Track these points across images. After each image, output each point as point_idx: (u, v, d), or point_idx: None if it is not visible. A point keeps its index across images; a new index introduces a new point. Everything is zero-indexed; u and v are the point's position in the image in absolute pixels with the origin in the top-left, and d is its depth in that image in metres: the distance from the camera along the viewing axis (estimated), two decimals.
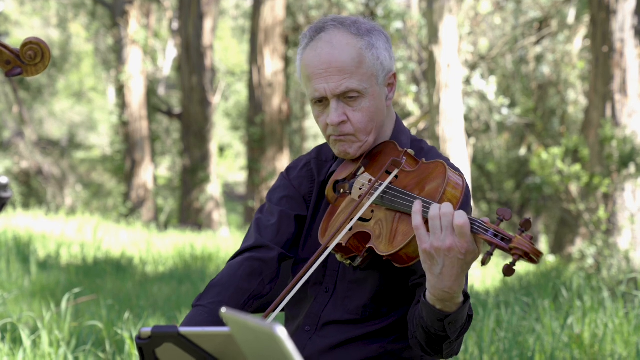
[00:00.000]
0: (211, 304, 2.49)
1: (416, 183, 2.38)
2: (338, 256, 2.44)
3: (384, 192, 2.39)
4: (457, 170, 2.40)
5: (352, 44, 2.48)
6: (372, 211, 2.41)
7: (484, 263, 2.11)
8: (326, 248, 2.39)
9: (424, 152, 2.60)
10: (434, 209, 2.16)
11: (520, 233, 2.12)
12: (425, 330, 2.28)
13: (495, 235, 2.12)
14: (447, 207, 2.15)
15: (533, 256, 2.10)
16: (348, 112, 2.49)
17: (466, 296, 2.25)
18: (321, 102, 2.52)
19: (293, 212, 2.65)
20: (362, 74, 2.47)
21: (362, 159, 2.57)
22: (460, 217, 2.11)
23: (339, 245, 2.40)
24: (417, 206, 2.20)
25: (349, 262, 2.45)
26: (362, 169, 2.56)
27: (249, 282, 2.54)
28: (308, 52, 2.52)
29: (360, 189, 2.50)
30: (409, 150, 2.50)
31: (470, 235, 2.12)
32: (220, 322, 2.45)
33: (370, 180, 2.48)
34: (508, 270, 2.09)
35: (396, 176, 2.43)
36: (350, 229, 2.39)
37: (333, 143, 2.55)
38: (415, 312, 2.35)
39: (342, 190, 2.56)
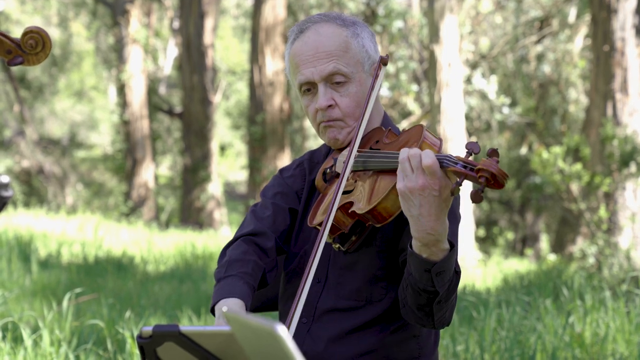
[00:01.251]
0: (241, 273, 2.51)
1: (395, 147, 2.44)
2: (327, 238, 2.46)
3: (364, 159, 2.45)
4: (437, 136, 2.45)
5: (338, 33, 2.59)
6: (355, 181, 2.47)
7: (452, 193, 2.14)
8: (325, 228, 2.41)
9: None
10: (403, 151, 2.19)
11: (487, 159, 2.13)
12: (414, 289, 2.29)
13: (464, 167, 2.13)
14: (414, 149, 2.19)
15: (499, 177, 2.09)
16: (335, 97, 2.57)
17: (452, 245, 2.25)
18: (310, 90, 2.60)
19: (286, 205, 2.70)
20: (348, 59, 2.56)
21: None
22: (428, 156, 2.15)
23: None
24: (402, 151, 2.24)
25: (337, 245, 2.49)
26: None
27: (261, 260, 2.58)
28: (296, 44, 2.61)
29: (343, 162, 2.55)
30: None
31: (441, 172, 2.15)
32: (253, 290, 2.50)
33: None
34: (475, 196, 2.09)
35: (379, 149, 2.50)
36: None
37: (323, 130, 2.62)
38: (404, 276, 2.36)
39: (329, 172, 2.61)
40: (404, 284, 2.36)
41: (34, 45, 2.18)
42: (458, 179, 2.13)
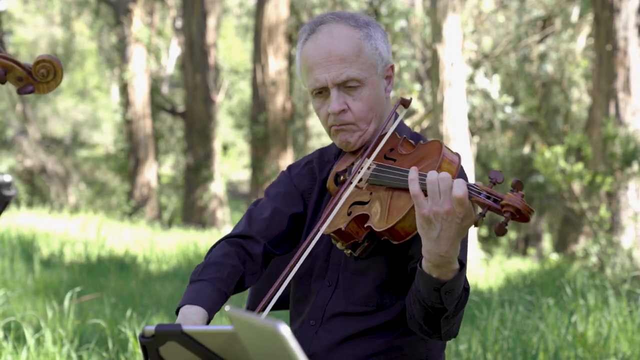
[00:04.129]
0: (212, 279, 2.51)
1: (413, 162, 2.41)
2: (339, 244, 2.46)
3: (381, 171, 2.43)
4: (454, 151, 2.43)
5: (351, 35, 2.54)
6: (371, 193, 2.44)
7: (476, 224, 2.12)
8: (324, 233, 2.42)
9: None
10: (432, 174, 2.17)
11: (511, 192, 2.12)
12: (422, 305, 2.28)
13: (488, 197, 2.13)
14: (444, 172, 2.17)
15: (525, 212, 2.09)
16: (348, 101, 2.54)
17: (462, 264, 2.25)
18: (321, 93, 2.56)
19: (288, 209, 2.69)
20: (361, 63, 2.52)
21: (362, 151, 2.59)
22: (460, 187, 2.12)
23: (338, 230, 2.42)
24: (413, 174, 2.21)
25: (349, 251, 2.48)
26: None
27: (239, 267, 2.57)
28: (308, 44, 2.56)
29: (354, 170, 2.53)
30: (411, 141, 2.54)
31: (468, 202, 2.13)
32: (224, 296, 2.49)
33: (364, 162, 2.52)
34: (500, 229, 2.08)
35: (394, 159, 2.47)
36: (350, 214, 2.42)
37: (334, 133, 2.59)
38: (412, 290, 2.35)
39: (342, 179, 2.58)
40: (411, 298, 2.35)
41: (46, 74, 2.17)
42: (482, 210, 2.12)
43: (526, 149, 20.58)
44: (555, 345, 5.33)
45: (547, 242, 22.40)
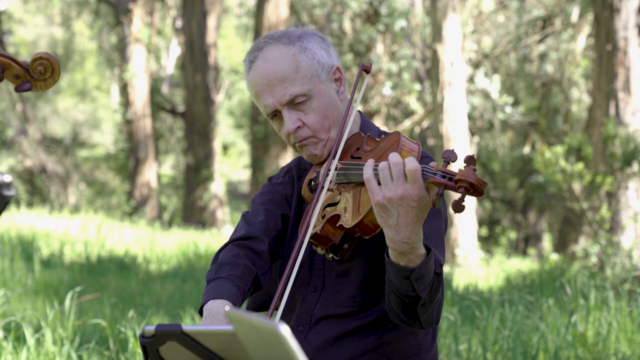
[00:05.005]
0: (230, 276, 2.53)
1: (375, 155, 2.42)
2: (319, 249, 2.49)
3: (345, 169, 2.46)
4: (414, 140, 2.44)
5: (285, 53, 2.57)
6: (340, 193, 2.46)
7: (434, 205, 2.11)
8: (306, 241, 2.43)
9: None
10: (383, 162, 2.18)
11: (465, 168, 2.12)
12: (397, 295, 2.29)
13: (443, 177, 2.12)
14: (395, 156, 2.17)
15: (478, 186, 2.08)
16: (301, 117, 2.57)
17: (428, 249, 2.25)
18: (276, 115, 2.60)
19: (278, 211, 2.72)
20: (302, 77, 2.55)
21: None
22: (411, 162, 2.13)
23: (315, 235, 2.44)
24: (368, 162, 2.24)
25: (331, 255, 2.50)
26: None
27: (250, 264, 2.59)
28: (251, 74, 2.60)
29: (322, 173, 2.56)
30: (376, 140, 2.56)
31: (422, 181, 2.13)
32: (243, 293, 2.51)
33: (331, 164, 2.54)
34: (457, 206, 2.07)
35: (360, 157, 2.49)
36: (324, 217, 2.44)
37: (300, 150, 2.63)
38: (386, 281, 2.36)
39: (314, 184, 2.61)
40: (387, 290, 2.36)
41: (43, 71, 2.17)
42: (438, 189, 2.12)
43: (526, 149, 20.59)
44: (555, 345, 5.33)
45: (547, 242, 22.42)
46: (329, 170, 2.50)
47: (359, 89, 2.64)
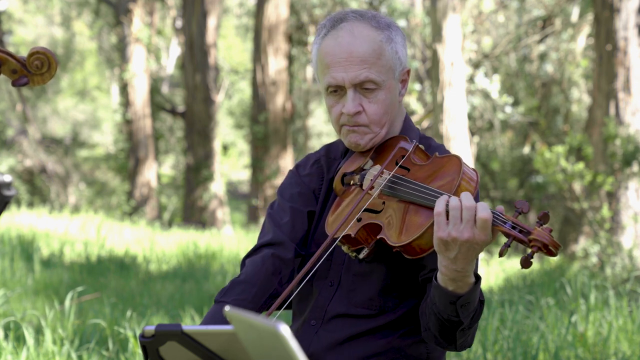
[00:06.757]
0: (235, 300, 2.49)
1: (429, 175, 2.37)
2: (344, 248, 2.43)
3: (396, 183, 2.39)
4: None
5: (373, 36, 2.49)
6: (384, 203, 2.40)
7: (501, 254, 2.10)
8: (334, 239, 2.39)
9: (432, 149, 2.59)
10: (455, 199, 2.15)
11: (539, 225, 2.11)
12: (438, 317, 2.27)
13: (514, 227, 2.11)
14: (469, 199, 2.14)
15: (552, 248, 2.08)
16: (364, 103, 2.50)
17: (477, 277, 2.24)
18: (336, 91, 2.52)
19: (305, 208, 2.66)
20: (381, 66, 2.48)
21: (371, 153, 2.57)
22: (484, 210, 2.11)
23: (347, 236, 2.39)
24: (442, 197, 2.19)
25: (354, 254, 2.44)
26: (371, 162, 2.56)
27: (271, 281, 2.55)
28: (328, 40, 2.52)
29: (370, 180, 2.49)
30: (420, 146, 2.51)
31: (490, 229, 2.12)
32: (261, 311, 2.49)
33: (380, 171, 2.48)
34: (526, 262, 2.08)
35: (408, 169, 2.43)
36: (360, 220, 2.39)
37: (345, 133, 2.56)
38: (427, 301, 2.34)
39: (351, 182, 2.56)
40: (426, 310, 2.34)
41: (40, 66, 2.17)
42: (507, 240, 2.10)
43: (526, 149, 20.57)
44: (555, 345, 5.33)
45: None
46: (380, 176, 2.44)
47: None
